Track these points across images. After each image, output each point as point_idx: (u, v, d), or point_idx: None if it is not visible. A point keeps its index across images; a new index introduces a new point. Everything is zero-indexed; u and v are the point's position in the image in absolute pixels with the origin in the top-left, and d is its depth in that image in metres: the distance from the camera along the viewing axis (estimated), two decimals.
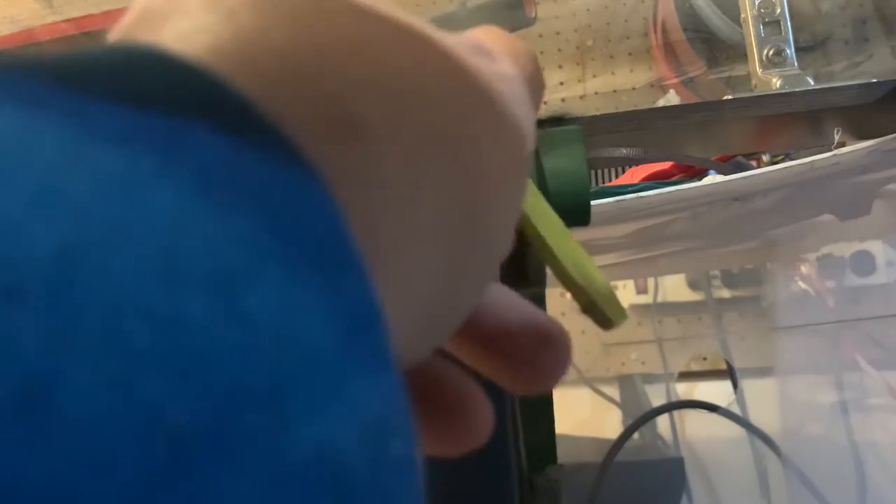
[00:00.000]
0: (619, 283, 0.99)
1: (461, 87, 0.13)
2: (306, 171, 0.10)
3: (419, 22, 0.13)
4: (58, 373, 0.07)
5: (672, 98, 0.84)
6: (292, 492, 0.08)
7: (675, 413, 0.90)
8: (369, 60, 0.12)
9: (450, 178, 0.13)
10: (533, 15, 0.76)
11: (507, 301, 0.18)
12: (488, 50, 0.15)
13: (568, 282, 0.20)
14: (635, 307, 1.00)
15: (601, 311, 0.20)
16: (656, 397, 0.95)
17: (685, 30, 0.85)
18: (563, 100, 0.92)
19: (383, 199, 0.11)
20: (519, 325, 0.18)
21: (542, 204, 0.21)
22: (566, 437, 0.73)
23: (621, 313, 0.21)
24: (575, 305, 0.20)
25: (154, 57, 0.10)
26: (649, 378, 0.98)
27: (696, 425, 0.91)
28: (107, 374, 0.07)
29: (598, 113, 0.46)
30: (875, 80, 0.45)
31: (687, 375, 0.97)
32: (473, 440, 0.18)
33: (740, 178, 0.45)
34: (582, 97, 0.92)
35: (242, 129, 0.09)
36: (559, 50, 0.94)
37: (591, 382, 0.97)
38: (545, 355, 0.18)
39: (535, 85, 0.17)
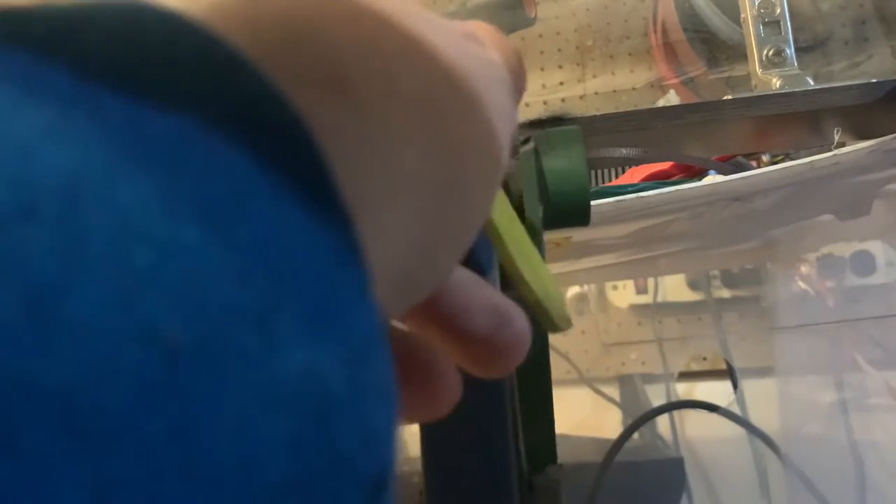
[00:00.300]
0: (619, 284, 0.99)
1: (442, 71, 0.14)
2: (295, 118, 0.10)
3: (414, 10, 0.14)
4: (67, 285, 0.08)
5: (672, 98, 0.84)
6: (279, 410, 0.09)
7: (675, 413, 0.90)
8: (364, 31, 0.12)
9: (431, 146, 0.13)
10: (533, 15, 0.76)
11: (468, 282, 0.19)
12: (479, 37, 0.17)
13: (518, 279, 0.21)
14: (635, 307, 1.00)
15: (547, 312, 0.21)
16: (656, 397, 0.95)
17: (685, 30, 0.85)
18: (563, 100, 0.92)
19: (368, 155, 0.12)
20: (478, 304, 0.18)
21: (506, 206, 0.22)
22: (566, 437, 0.73)
23: (566, 322, 0.22)
24: (574, 305, 0.21)
25: (152, 13, 0.10)
26: (649, 378, 0.98)
27: (696, 425, 0.91)
28: (111, 289, 0.08)
29: (598, 113, 0.46)
30: (875, 80, 0.45)
31: (687, 375, 0.98)
32: (440, 406, 0.18)
33: (740, 178, 0.45)
34: (582, 97, 0.92)
35: (234, 79, 0.10)
36: (559, 50, 0.94)
37: (591, 382, 0.97)
38: (503, 335, 0.18)
39: (518, 78, 0.18)
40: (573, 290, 0.99)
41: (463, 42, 0.15)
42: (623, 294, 1.00)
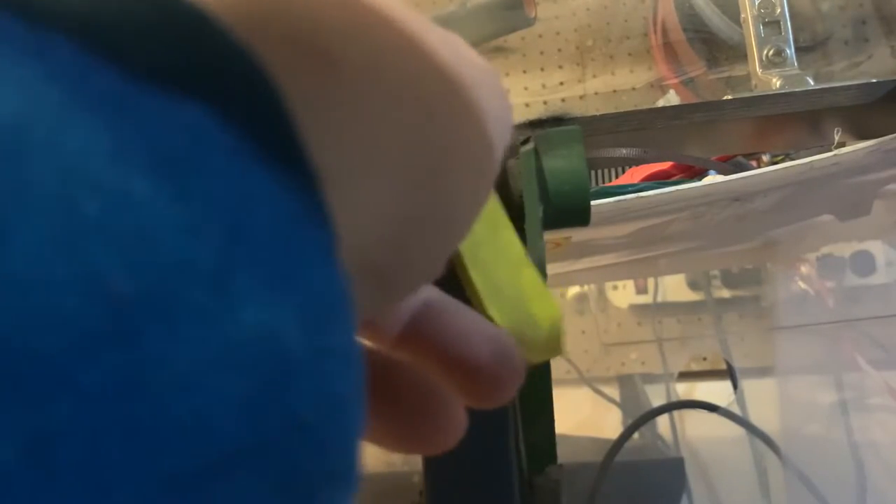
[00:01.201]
0: (619, 284, 0.99)
1: (435, 68, 0.14)
2: (262, 79, 0.10)
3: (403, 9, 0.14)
4: (6, 227, 0.07)
5: (672, 98, 0.84)
6: (231, 369, 0.08)
7: (675, 413, 0.90)
8: (354, 16, 0.12)
9: (414, 137, 0.13)
10: (533, 15, 0.76)
11: (465, 310, 0.19)
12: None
13: (480, 307, 0.20)
14: (635, 307, 1.00)
15: (523, 341, 0.19)
16: (656, 397, 0.95)
17: (685, 30, 0.85)
18: (563, 100, 0.92)
19: (344, 130, 0.12)
20: (476, 332, 0.18)
21: (502, 229, 0.21)
22: (566, 437, 0.73)
23: (544, 354, 0.20)
24: (575, 305, 0.20)
25: None
26: (649, 378, 0.98)
27: (696, 425, 0.91)
28: (54, 237, 0.07)
29: (597, 113, 0.46)
30: (875, 80, 0.45)
31: (687, 375, 0.98)
32: (445, 439, 0.18)
33: (740, 178, 0.45)
34: (582, 97, 0.92)
35: (197, 35, 0.10)
36: (559, 50, 0.94)
37: (591, 382, 0.97)
38: (503, 365, 0.18)
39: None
40: (573, 290, 0.99)
41: (463, 49, 0.15)
42: (623, 294, 1.00)
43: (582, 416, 0.97)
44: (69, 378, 0.07)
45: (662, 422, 0.88)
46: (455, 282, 0.20)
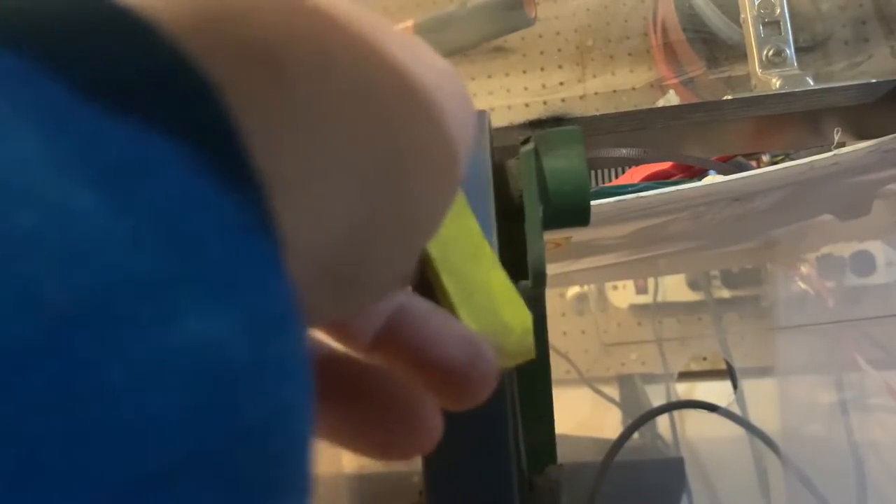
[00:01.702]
0: (619, 284, 0.99)
1: (392, 71, 0.14)
2: (205, 88, 0.10)
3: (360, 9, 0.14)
4: None
5: (672, 98, 0.84)
6: (172, 380, 0.08)
7: (675, 413, 0.90)
8: (300, 20, 0.12)
9: (371, 140, 0.13)
10: (533, 15, 0.76)
11: (437, 312, 0.19)
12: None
13: (450, 307, 0.20)
14: (635, 307, 1.00)
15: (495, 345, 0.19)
16: (656, 397, 0.95)
17: (685, 30, 0.85)
18: (563, 100, 0.92)
19: (294, 134, 0.12)
20: (450, 334, 0.18)
21: (470, 232, 0.21)
22: (566, 437, 0.73)
23: (514, 358, 0.20)
24: (575, 305, 0.20)
25: None
26: (649, 378, 0.98)
27: (696, 425, 0.91)
28: None
29: (597, 113, 0.46)
30: (875, 80, 0.45)
31: (687, 375, 0.97)
32: (420, 443, 0.18)
33: (740, 178, 0.45)
34: (582, 97, 0.92)
35: (138, 45, 0.10)
36: (559, 50, 0.94)
37: (591, 382, 0.97)
38: (477, 367, 0.18)
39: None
40: (573, 290, 0.99)
41: (421, 51, 0.15)
42: (623, 294, 0.99)
43: (582, 416, 0.97)
44: (3, 391, 0.07)
45: (662, 422, 0.88)
46: (426, 284, 0.20)
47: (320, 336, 0.19)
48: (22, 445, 0.07)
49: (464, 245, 0.20)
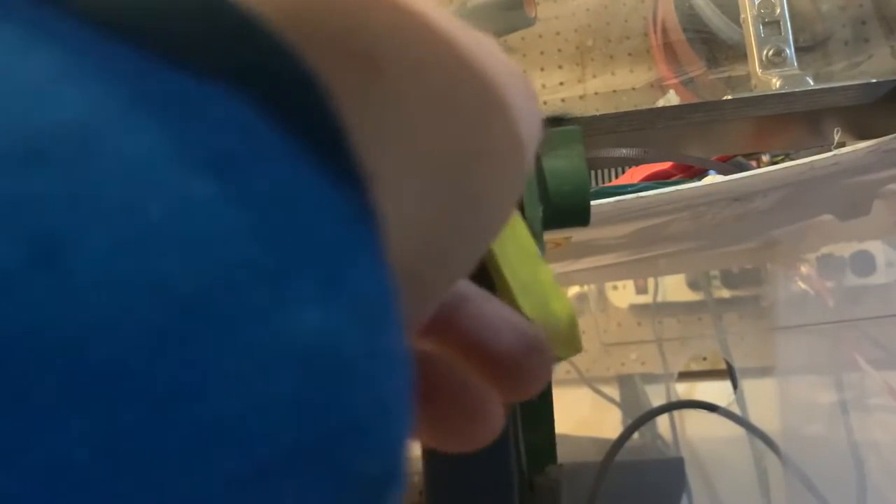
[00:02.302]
0: (619, 284, 0.99)
1: (470, 71, 0.14)
2: (311, 80, 0.10)
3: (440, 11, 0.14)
4: (76, 233, 0.07)
5: (672, 98, 0.84)
6: (290, 369, 0.08)
7: (675, 413, 0.90)
8: (401, 21, 0.12)
9: (449, 138, 0.13)
10: (533, 15, 0.76)
11: (491, 300, 0.19)
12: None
13: (513, 305, 0.20)
14: (635, 307, 1.00)
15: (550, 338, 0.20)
16: (656, 397, 0.95)
17: (685, 30, 0.85)
18: (563, 100, 0.92)
19: (386, 134, 0.12)
20: (505, 324, 0.18)
21: (518, 228, 0.21)
22: (566, 437, 0.73)
23: (567, 350, 0.21)
24: (575, 305, 0.20)
25: None
26: (649, 378, 0.98)
27: (696, 425, 0.91)
28: (121, 240, 0.08)
29: (597, 113, 0.46)
30: (875, 80, 0.45)
31: (687, 375, 0.97)
32: (483, 435, 0.18)
33: (740, 178, 0.45)
34: (582, 97, 0.92)
35: (247, 39, 0.10)
36: (559, 50, 0.94)
37: (591, 382, 0.97)
38: (533, 361, 0.18)
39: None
40: (573, 290, 0.99)
41: (495, 50, 0.15)
42: (623, 294, 0.99)
43: (582, 416, 0.97)
44: (136, 381, 0.07)
45: (662, 422, 0.88)
46: (480, 273, 0.20)
47: None
48: (148, 436, 0.07)
49: (516, 240, 0.21)
